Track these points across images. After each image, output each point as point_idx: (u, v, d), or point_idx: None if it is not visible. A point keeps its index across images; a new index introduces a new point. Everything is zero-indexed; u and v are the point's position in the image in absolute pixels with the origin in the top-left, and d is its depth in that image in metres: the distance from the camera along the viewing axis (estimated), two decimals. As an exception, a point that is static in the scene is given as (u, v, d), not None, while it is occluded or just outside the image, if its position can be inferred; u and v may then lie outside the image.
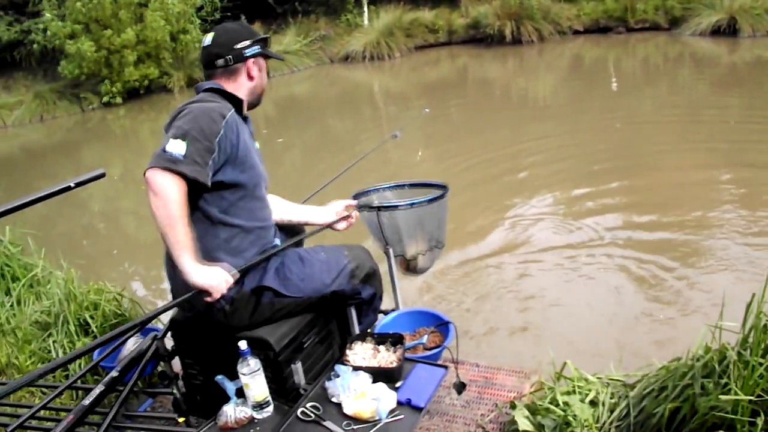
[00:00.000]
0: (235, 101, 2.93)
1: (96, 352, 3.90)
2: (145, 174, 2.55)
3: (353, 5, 21.35)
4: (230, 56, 2.95)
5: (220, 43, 2.97)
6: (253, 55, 3.01)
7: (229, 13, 21.40)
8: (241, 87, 3.00)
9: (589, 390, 3.01)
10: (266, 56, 3.12)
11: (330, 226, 3.37)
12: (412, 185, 4.12)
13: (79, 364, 4.22)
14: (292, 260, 2.99)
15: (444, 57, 19.23)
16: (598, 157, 8.73)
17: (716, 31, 15.63)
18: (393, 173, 8.93)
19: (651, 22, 17.34)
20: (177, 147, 2.58)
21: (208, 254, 2.74)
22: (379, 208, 3.65)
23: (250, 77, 3.03)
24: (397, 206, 3.65)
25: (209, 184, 2.65)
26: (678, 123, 9.97)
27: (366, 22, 20.98)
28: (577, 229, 6.59)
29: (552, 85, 14.58)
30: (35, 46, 19.45)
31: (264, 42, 3.08)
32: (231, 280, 2.68)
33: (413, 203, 3.65)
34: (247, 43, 2.99)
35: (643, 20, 17.43)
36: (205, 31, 19.59)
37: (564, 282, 5.66)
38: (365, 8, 21.14)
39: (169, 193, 2.53)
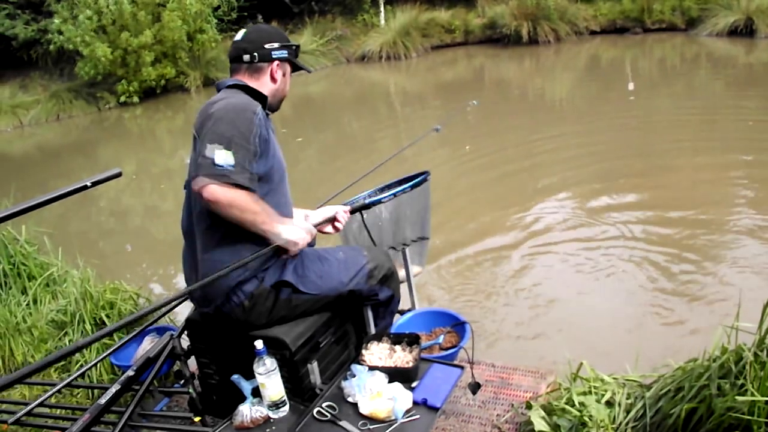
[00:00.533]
0: (260, 98, 2.95)
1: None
2: (202, 192, 2.57)
3: (370, 5, 21.33)
4: (257, 53, 2.98)
5: (250, 39, 3.02)
6: (279, 59, 3.03)
7: (245, 13, 21.41)
8: (263, 86, 3.01)
9: (605, 390, 3.00)
10: (293, 64, 3.14)
11: (317, 227, 3.33)
12: (395, 182, 4.07)
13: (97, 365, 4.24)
14: (311, 258, 2.99)
15: (460, 57, 19.20)
16: (614, 157, 8.70)
17: (733, 32, 15.55)
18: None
19: (668, 23, 17.26)
20: (225, 158, 2.59)
21: (236, 251, 2.75)
22: (362, 207, 3.56)
23: (273, 79, 3.04)
24: (380, 200, 3.59)
25: (257, 172, 2.70)
26: (695, 123, 9.94)
27: (382, 22, 20.97)
28: (593, 228, 6.58)
29: (569, 86, 14.54)
30: (51, 47, 19.51)
31: (293, 50, 3.11)
32: (314, 231, 2.99)
33: (396, 192, 3.61)
34: (276, 45, 3.02)
35: (660, 21, 17.35)
36: (222, 31, 19.82)
37: (580, 281, 5.64)
38: (382, 8, 21.12)
39: (240, 200, 2.60)
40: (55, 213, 9.22)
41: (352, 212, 3.46)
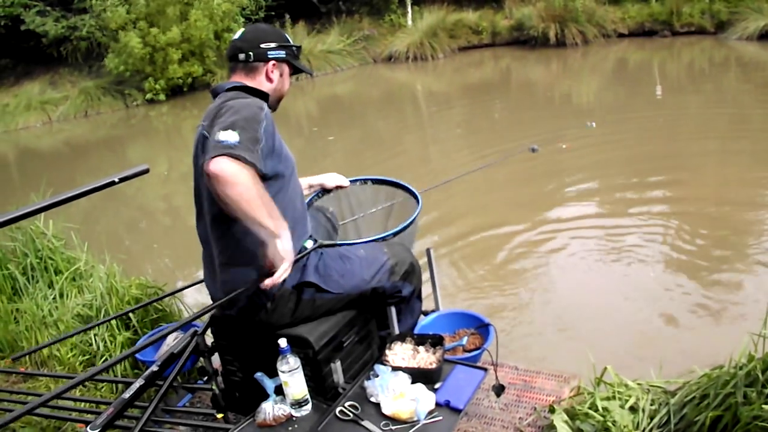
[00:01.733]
0: (262, 96, 2.94)
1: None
2: (207, 167, 2.40)
3: (397, 5, 21.31)
4: (252, 53, 2.98)
5: (247, 39, 3.02)
6: (276, 59, 3.02)
7: (273, 12, 21.48)
8: (260, 86, 3.00)
9: (629, 396, 2.98)
10: (292, 66, 3.13)
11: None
12: (376, 181, 3.92)
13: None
14: (332, 257, 2.99)
15: (487, 58, 19.15)
16: (641, 160, 8.65)
17: (764, 36, 15.37)
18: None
19: (697, 26, 17.07)
20: (229, 136, 2.48)
21: (249, 254, 2.73)
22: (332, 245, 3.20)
23: (269, 79, 3.03)
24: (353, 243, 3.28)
25: (265, 171, 2.60)
26: (723, 126, 9.87)
27: (409, 22, 20.95)
28: (618, 231, 6.56)
29: (596, 89, 14.46)
30: (81, 43, 19.67)
31: (292, 50, 3.09)
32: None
33: (384, 236, 3.37)
34: (272, 45, 3.01)
35: (689, 24, 17.18)
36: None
37: (605, 284, 5.63)
38: (409, 9, 21.10)
39: (243, 176, 2.41)
40: (83, 208, 9.28)
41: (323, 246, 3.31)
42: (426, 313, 3.68)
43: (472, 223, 7.42)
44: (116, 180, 2.71)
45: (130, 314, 4.55)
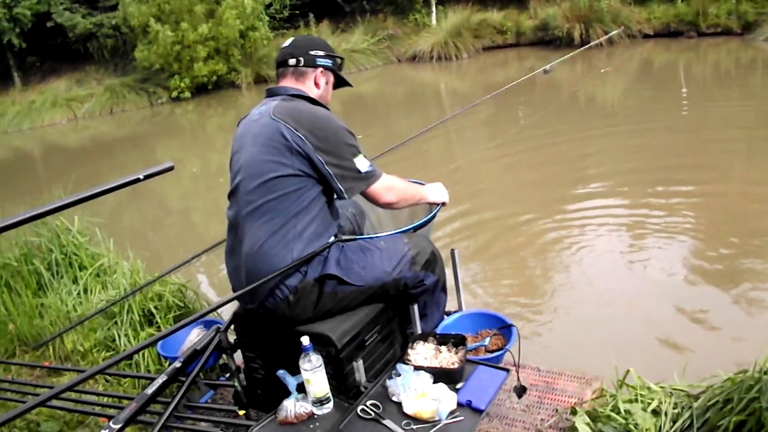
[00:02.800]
0: (318, 105, 3.08)
1: (160, 345, 4.01)
2: (367, 193, 3.03)
3: (421, 5, 21.33)
4: (302, 58, 3.12)
5: (297, 45, 3.18)
6: (324, 66, 3.16)
7: (297, 11, 21.56)
8: (309, 92, 3.13)
9: (652, 399, 2.96)
10: (336, 76, 3.28)
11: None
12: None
13: (143, 355, 4.30)
14: (353, 250, 3.00)
15: (511, 58, 19.10)
16: (665, 162, 8.59)
17: (791, 37, 15.28)
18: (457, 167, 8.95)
19: (723, 27, 16.91)
20: (364, 164, 2.97)
21: (288, 248, 2.86)
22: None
23: (317, 85, 3.17)
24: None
25: None
26: (749, 128, 9.79)
27: (434, 22, 20.95)
28: (641, 232, 6.52)
29: (620, 89, 14.39)
30: (109, 38, 19.82)
31: (338, 61, 3.26)
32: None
33: (405, 230, 3.40)
34: (321, 53, 3.16)
35: (715, 25, 17.03)
36: (273, 29, 19.95)
37: (628, 284, 5.60)
38: (433, 8, 21.11)
39: (393, 192, 3.10)
40: (108, 205, 9.34)
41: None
42: (449, 314, 3.68)
43: (494, 222, 7.40)
44: (141, 177, 2.73)
45: (153, 310, 4.58)
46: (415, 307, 3.21)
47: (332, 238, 2.99)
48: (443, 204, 3.45)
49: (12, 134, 19.11)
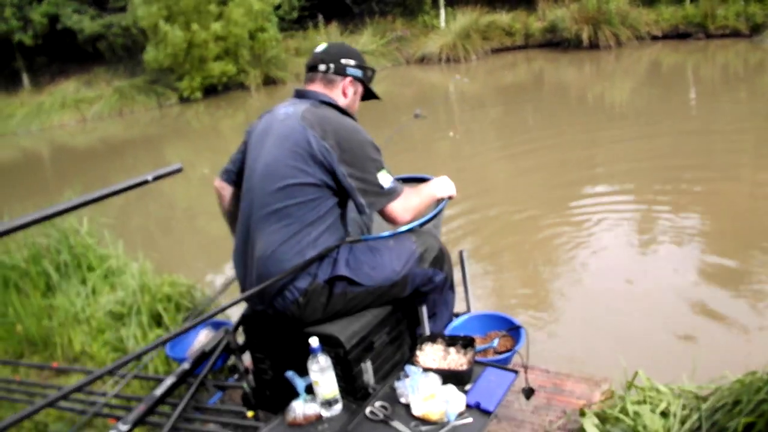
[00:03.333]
0: (346, 114, 3.11)
1: (168, 346, 4.00)
2: (385, 211, 3.00)
3: (430, 6, 21.30)
4: (333, 65, 3.12)
5: (329, 52, 3.18)
6: (353, 76, 3.17)
7: (306, 12, 21.56)
8: (337, 100, 3.14)
9: (661, 400, 2.95)
10: (366, 87, 3.30)
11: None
12: (407, 180, 3.96)
13: (152, 356, 4.30)
14: (362, 250, 3.00)
15: (520, 60, 19.07)
16: (673, 163, 8.58)
17: (801, 39, 15.23)
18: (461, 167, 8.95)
19: (731, 29, 16.84)
20: (387, 179, 2.97)
21: (301, 252, 2.86)
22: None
23: (344, 94, 3.17)
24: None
25: None
26: (758, 130, 9.76)
27: (442, 23, 20.92)
28: (649, 232, 6.52)
29: (629, 91, 14.37)
30: (117, 39, 19.89)
31: (368, 73, 3.28)
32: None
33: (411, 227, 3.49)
34: (352, 62, 3.17)
35: (724, 26, 16.95)
36: (282, 30, 19.95)
37: (637, 285, 5.59)
38: (442, 10, 21.08)
39: (413, 210, 3.08)
40: (117, 206, 9.35)
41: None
42: (457, 315, 3.68)
43: (501, 223, 7.40)
44: (150, 179, 2.74)
45: (162, 312, 4.59)
46: (424, 308, 3.21)
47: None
48: (450, 198, 3.43)
49: (21, 135, 19.16)
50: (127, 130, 18.28)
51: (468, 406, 2.73)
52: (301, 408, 2.77)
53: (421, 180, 3.85)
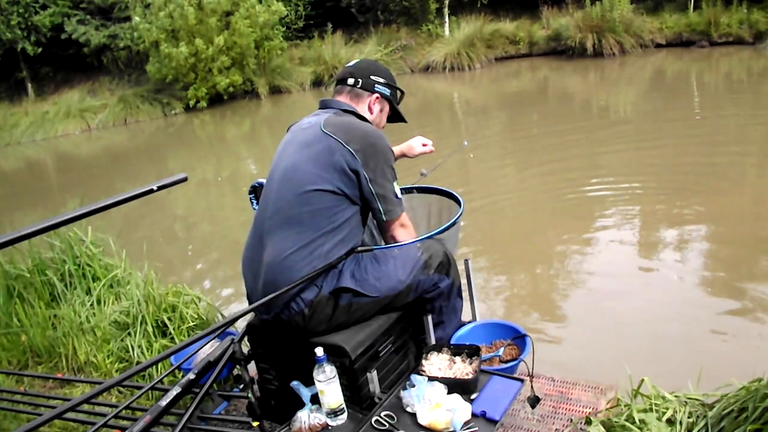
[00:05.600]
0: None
1: (174, 357, 3.99)
2: (394, 222, 3.05)
3: (435, 15, 21.35)
4: (361, 80, 3.18)
5: (360, 67, 3.26)
6: (380, 93, 3.22)
7: (311, 22, 21.62)
8: (362, 113, 3.18)
9: (667, 408, 2.94)
10: (393, 108, 3.36)
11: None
12: (421, 190, 4.02)
13: (157, 366, 4.29)
14: (367, 260, 3.00)
15: (524, 69, 19.09)
16: (678, 171, 8.59)
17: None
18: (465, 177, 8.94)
19: (735, 36, 16.92)
20: (398, 189, 3.03)
21: (310, 263, 2.86)
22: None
23: (370, 110, 3.23)
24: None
25: None
26: (762, 138, 9.75)
27: (447, 32, 20.97)
28: (653, 240, 6.52)
29: (633, 99, 14.37)
30: (121, 52, 19.94)
31: (396, 93, 3.34)
32: None
33: (431, 234, 3.44)
34: (381, 80, 3.23)
35: (727, 34, 17.03)
36: (287, 39, 20.03)
37: (643, 294, 5.58)
38: (446, 19, 21.14)
39: (409, 231, 3.13)
40: (122, 215, 9.35)
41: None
42: (463, 324, 3.67)
43: (506, 232, 7.40)
44: (155, 188, 2.73)
45: (167, 322, 4.58)
46: (429, 317, 3.21)
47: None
48: (460, 205, 3.47)
49: (25, 145, 19.21)
50: (132, 139, 18.32)
51: (474, 415, 2.72)
52: (306, 418, 2.76)
53: (432, 191, 3.88)
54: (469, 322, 3.71)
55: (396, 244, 3.11)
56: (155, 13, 18.64)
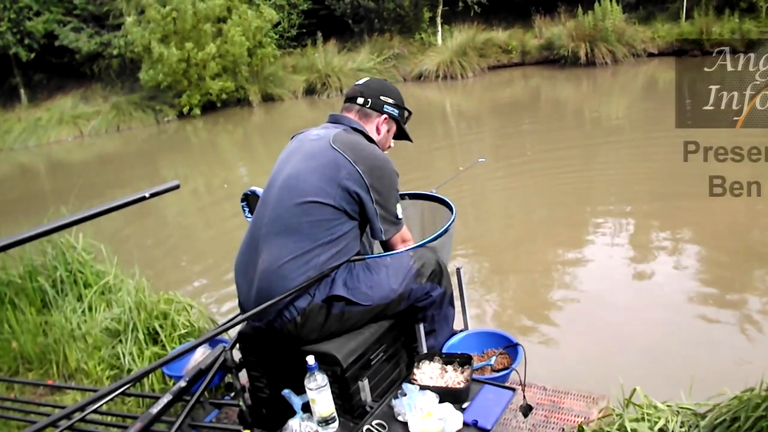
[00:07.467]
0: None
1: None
2: (393, 237, 3.09)
3: (427, 24, 21.39)
4: (370, 100, 3.19)
5: (370, 86, 3.26)
6: (389, 114, 3.24)
7: (304, 30, 21.63)
8: (370, 134, 3.18)
9: (659, 418, 2.94)
10: (399, 128, 3.37)
11: None
12: (413, 196, 4.01)
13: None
14: (359, 269, 3.00)
15: (517, 77, 19.13)
16: (671, 180, 8.58)
17: (795, 55, 15.27)
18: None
19: (727, 45, 16.96)
20: (400, 211, 3.08)
21: (305, 271, 2.87)
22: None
23: (378, 130, 3.23)
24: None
25: None
26: (755, 146, 9.76)
27: (440, 41, 21.01)
28: (646, 251, 6.53)
29: (625, 108, 14.40)
30: (114, 58, 19.94)
31: (405, 114, 3.37)
32: None
33: (422, 244, 3.41)
34: (390, 101, 3.25)
35: (719, 43, 17.05)
36: (280, 47, 20.03)
37: (634, 303, 5.59)
38: (439, 27, 21.19)
39: (409, 237, 3.19)
40: (114, 222, 9.34)
41: None
42: (454, 333, 3.67)
43: (498, 241, 7.40)
44: (147, 195, 2.73)
45: (159, 329, 4.57)
46: (421, 326, 3.21)
47: None
48: (452, 212, 3.50)
49: (18, 151, 19.19)
50: (125, 146, 18.30)
51: (465, 424, 2.71)
52: (297, 426, 2.75)
53: (425, 197, 3.88)
54: (461, 330, 3.71)
55: (388, 253, 3.11)
56: (151, 18, 18.60)
